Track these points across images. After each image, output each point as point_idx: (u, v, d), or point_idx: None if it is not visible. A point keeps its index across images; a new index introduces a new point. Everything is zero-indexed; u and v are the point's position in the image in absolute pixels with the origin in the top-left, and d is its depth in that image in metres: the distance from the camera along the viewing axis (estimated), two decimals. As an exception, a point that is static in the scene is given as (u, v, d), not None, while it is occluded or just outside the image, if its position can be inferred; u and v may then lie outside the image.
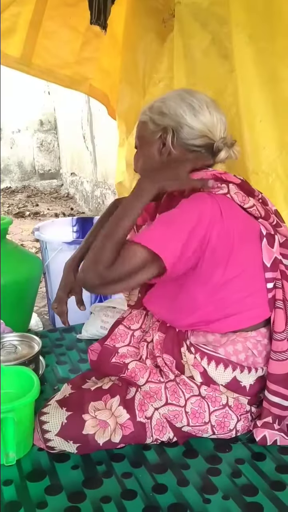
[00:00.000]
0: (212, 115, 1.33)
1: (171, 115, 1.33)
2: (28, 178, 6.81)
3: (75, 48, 2.36)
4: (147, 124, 1.38)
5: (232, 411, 1.34)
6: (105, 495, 1.18)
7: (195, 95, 1.35)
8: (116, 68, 2.35)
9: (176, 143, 1.34)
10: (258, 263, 1.32)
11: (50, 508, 1.14)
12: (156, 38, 2.14)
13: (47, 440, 1.29)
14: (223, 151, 1.34)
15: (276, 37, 1.42)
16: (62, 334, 2.06)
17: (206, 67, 1.80)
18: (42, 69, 2.36)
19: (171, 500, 1.16)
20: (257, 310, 1.34)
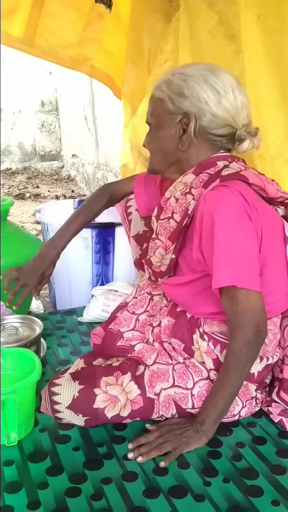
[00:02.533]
0: (236, 100, 1.25)
1: (194, 99, 1.24)
2: (29, 160, 6.75)
3: (77, 28, 2.32)
4: (165, 103, 1.29)
5: (239, 398, 1.35)
6: (106, 476, 1.18)
7: (219, 75, 1.26)
8: (120, 48, 2.32)
9: (198, 131, 1.27)
10: (282, 259, 1.29)
11: (51, 488, 1.15)
12: (162, 18, 2.11)
13: (56, 411, 1.27)
14: (247, 141, 1.29)
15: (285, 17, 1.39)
16: (63, 317, 2.06)
17: (212, 48, 1.78)
18: (44, 50, 2.33)
19: (172, 482, 1.17)
20: (277, 304, 1.33)
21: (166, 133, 1.31)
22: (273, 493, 1.14)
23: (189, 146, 1.30)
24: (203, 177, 1.28)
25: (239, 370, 1.21)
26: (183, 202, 1.30)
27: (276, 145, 1.46)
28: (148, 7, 2.17)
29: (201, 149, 1.30)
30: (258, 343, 1.22)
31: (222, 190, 1.21)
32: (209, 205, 1.19)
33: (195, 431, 1.26)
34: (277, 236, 1.27)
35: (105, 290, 2.03)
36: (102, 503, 1.10)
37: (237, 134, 1.28)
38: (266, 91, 1.46)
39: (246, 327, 1.18)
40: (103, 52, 2.44)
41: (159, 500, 1.11)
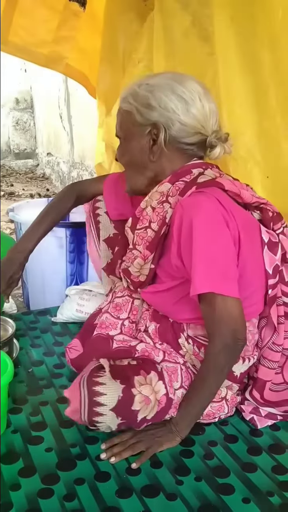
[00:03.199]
0: (204, 107, 1.26)
1: (161, 109, 1.24)
2: (3, 158, 6.67)
3: (52, 26, 2.31)
4: (133, 115, 1.29)
5: (227, 405, 1.35)
6: (78, 477, 1.18)
7: (186, 84, 1.26)
8: (95, 47, 2.31)
9: (168, 141, 1.27)
10: (259, 262, 1.29)
11: (23, 490, 1.14)
12: (136, 17, 2.11)
13: (97, 414, 1.19)
14: (218, 147, 1.29)
15: (258, 19, 1.40)
16: (36, 317, 2.05)
17: (186, 49, 1.78)
18: (18, 47, 2.32)
19: (145, 481, 1.17)
20: (255, 307, 1.33)
21: (137, 145, 1.31)
22: (244, 491, 1.15)
23: (160, 157, 1.30)
24: (179, 185, 1.28)
25: (216, 375, 1.22)
26: (160, 211, 1.29)
27: (248, 146, 1.47)
28: (122, 6, 2.16)
29: (173, 158, 1.30)
30: (236, 350, 1.21)
31: (199, 197, 1.20)
32: (186, 211, 1.17)
33: (169, 431, 1.26)
34: (254, 240, 1.28)
35: (80, 290, 2.03)
36: (75, 504, 1.10)
37: (207, 141, 1.28)
38: (239, 93, 1.47)
39: (223, 333, 1.17)
40: (78, 50, 2.43)
41: (132, 500, 1.12)
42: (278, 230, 1.33)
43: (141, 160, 1.31)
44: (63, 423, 1.37)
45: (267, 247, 1.28)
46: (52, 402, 1.47)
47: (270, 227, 1.32)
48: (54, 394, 1.51)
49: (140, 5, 2.10)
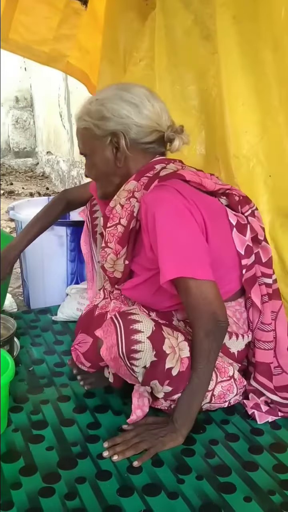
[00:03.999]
0: (154, 106, 1.33)
1: (116, 118, 1.31)
2: (3, 156, 6.67)
3: (53, 24, 2.31)
4: (92, 130, 1.35)
5: (235, 384, 1.36)
6: (80, 476, 1.18)
7: (132, 90, 1.34)
8: (96, 46, 2.31)
9: (130, 145, 1.33)
10: (230, 244, 1.34)
11: (24, 488, 1.14)
12: (138, 16, 2.11)
13: (135, 343, 1.19)
14: (176, 140, 1.36)
15: (260, 18, 1.40)
16: (37, 316, 2.05)
17: (188, 48, 1.78)
18: (19, 45, 2.31)
19: (146, 480, 1.17)
20: (231, 285, 1.37)
21: (102, 157, 1.37)
22: (245, 489, 1.15)
23: (126, 161, 1.36)
24: (144, 181, 1.34)
25: (203, 361, 1.23)
26: (128, 206, 1.35)
27: (250, 144, 1.47)
28: (124, 5, 2.16)
29: (137, 159, 1.36)
30: (219, 333, 1.24)
31: (159, 191, 1.26)
32: (149, 207, 1.23)
33: (172, 431, 1.26)
34: (221, 223, 1.33)
35: (80, 289, 2.02)
36: (76, 503, 1.10)
37: (165, 136, 1.36)
38: (241, 91, 1.47)
39: (203, 317, 1.21)
40: (78, 49, 2.43)
41: (133, 499, 1.12)
42: (246, 213, 1.39)
43: (109, 169, 1.38)
44: (64, 421, 1.38)
45: (235, 229, 1.34)
46: (53, 401, 1.47)
47: (238, 210, 1.39)
48: (55, 393, 1.51)
49: (141, 4, 2.10)
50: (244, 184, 1.53)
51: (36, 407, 1.44)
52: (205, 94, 1.78)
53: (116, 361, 1.22)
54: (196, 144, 1.87)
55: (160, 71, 1.89)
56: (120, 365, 1.22)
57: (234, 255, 1.35)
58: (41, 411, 1.42)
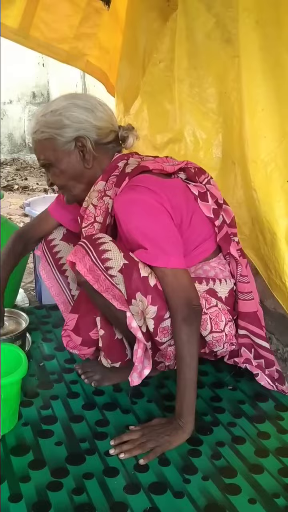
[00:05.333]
0: (105, 109, 1.45)
1: (76, 124, 1.40)
2: (18, 151, 6.70)
3: (74, 22, 2.31)
4: (54, 139, 1.42)
5: (222, 313, 1.44)
6: (87, 471, 1.20)
7: (82, 97, 1.45)
8: (116, 45, 2.32)
9: (95, 146, 1.43)
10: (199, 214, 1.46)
11: (33, 482, 1.16)
12: (159, 17, 2.11)
13: (104, 251, 1.30)
14: (130, 137, 1.49)
15: (283, 23, 1.40)
16: (48, 312, 2.07)
17: (208, 51, 1.79)
18: (39, 42, 2.31)
19: (152, 479, 1.18)
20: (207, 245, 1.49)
21: (69, 162, 1.44)
22: (250, 491, 1.16)
23: (93, 162, 1.45)
24: (112, 179, 1.44)
25: (186, 345, 1.29)
26: (101, 205, 1.44)
27: (269, 150, 1.47)
28: (145, 5, 2.17)
29: (101, 159, 1.46)
30: (196, 317, 1.31)
31: (130, 192, 1.36)
32: (122, 210, 1.33)
33: (177, 428, 1.28)
34: (189, 198, 1.45)
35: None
36: (83, 498, 1.12)
37: (120, 136, 1.49)
38: (262, 96, 1.47)
39: (180, 304, 1.29)
40: (98, 48, 2.43)
41: (139, 496, 1.13)
42: (204, 181, 1.53)
43: (78, 172, 1.46)
44: (73, 417, 1.39)
45: (199, 199, 1.47)
46: (62, 397, 1.49)
47: (196, 180, 1.51)
48: (65, 389, 1.53)
49: (163, 5, 2.10)
50: (261, 189, 1.53)
51: (46, 402, 1.46)
52: (224, 97, 1.78)
53: (93, 270, 1.30)
54: (213, 147, 1.87)
55: (180, 73, 1.89)
56: (98, 274, 1.30)
57: (207, 221, 1.48)
58: (51, 406, 1.44)
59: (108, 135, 1.45)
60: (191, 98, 1.88)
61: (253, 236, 1.68)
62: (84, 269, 1.30)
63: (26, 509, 1.08)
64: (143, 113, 2.16)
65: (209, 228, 1.49)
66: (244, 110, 1.55)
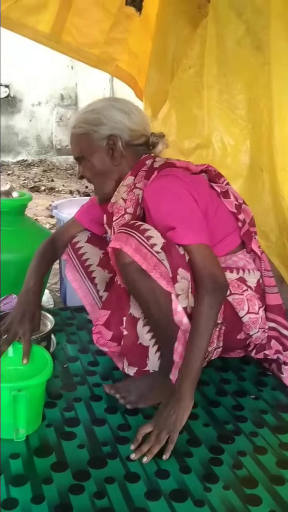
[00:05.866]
0: (141, 115, 1.55)
1: (111, 122, 1.50)
2: (45, 152, 6.79)
3: (104, 28, 2.34)
4: (90, 135, 1.51)
5: (255, 297, 1.50)
6: (109, 475, 1.20)
7: (120, 101, 1.56)
8: (145, 50, 2.34)
9: (125, 146, 1.51)
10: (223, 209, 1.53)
11: (55, 484, 1.17)
12: (189, 24, 2.12)
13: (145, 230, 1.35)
14: (160, 143, 1.56)
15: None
16: (73, 314, 2.08)
17: (238, 57, 1.79)
18: (71, 47, 2.35)
19: (173, 486, 1.18)
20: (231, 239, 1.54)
21: (100, 158, 1.53)
22: (271, 503, 1.15)
23: (121, 160, 1.53)
24: (142, 173, 1.51)
25: (203, 318, 1.32)
26: (131, 197, 1.51)
27: (299, 158, 1.47)
28: (176, 11, 2.18)
29: (129, 159, 1.54)
30: (220, 292, 1.35)
31: (161, 180, 1.45)
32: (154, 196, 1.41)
33: (178, 401, 1.28)
34: (212, 194, 1.53)
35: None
36: (105, 502, 1.12)
37: (150, 141, 1.56)
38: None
39: (206, 276, 1.34)
40: (128, 53, 2.45)
41: (160, 503, 1.13)
42: (223, 183, 1.61)
43: (106, 168, 1.54)
44: (96, 421, 1.40)
45: (222, 196, 1.55)
46: (85, 399, 1.50)
47: (217, 181, 1.60)
48: (88, 392, 1.54)
49: (194, 11, 2.11)
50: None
51: (69, 404, 1.47)
52: (253, 104, 1.78)
53: (139, 249, 1.34)
54: (240, 153, 1.87)
55: (209, 79, 1.90)
56: (145, 252, 1.34)
57: (229, 215, 1.55)
58: (74, 408, 1.45)
59: (139, 138, 1.53)
60: (220, 104, 1.89)
61: (279, 244, 1.68)
62: (130, 249, 1.33)
63: (48, 511, 1.09)
64: (171, 118, 2.18)
65: (233, 222, 1.55)
66: (273, 117, 1.55)
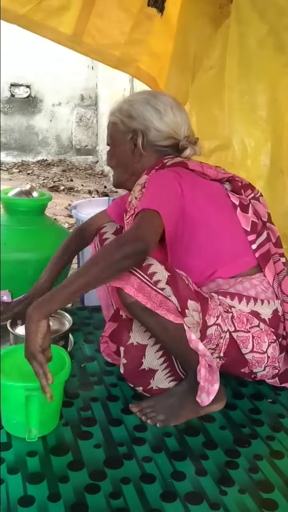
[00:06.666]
0: (176, 116, 1.49)
1: (139, 118, 1.48)
2: (65, 152, 6.82)
3: (125, 29, 2.34)
4: (118, 125, 1.53)
5: (264, 334, 1.43)
6: (125, 476, 1.21)
7: (159, 98, 1.51)
8: (166, 51, 2.33)
9: (146, 144, 1.50)
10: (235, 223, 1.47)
11: (71, 483, 1.17)
12: (211, 24, 2.12)
13: (148, 267, 1.27)
14: (188, 149, 1.50)
15: None
16: (90, 313, 2.09)
17: (260, 58, 1.78)
18: (92, 48, 2.35)
19: (189, 488, 1.18)
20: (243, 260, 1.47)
21: (121, 150, 1.54)
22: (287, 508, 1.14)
23: (141, 158, 1.52)
24: (153, 172, 1.47)
25: (99, 261, 1.21)
26: (141, 196, 1.47)
27: None
28: (197, 12, 2.18)
29: (151, 158, 1.51)
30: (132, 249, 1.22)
31: (158, 171, 1.43)
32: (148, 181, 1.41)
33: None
34: (224, 204, 1.47)
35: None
36: (120, 502, 1.13)
37: (180, 144, 1.50)
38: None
39: (130, 230, 1.27)
40: (148, 54, 2.45)
41: (175, 505, 1.13)
42: (249, 196, 1.54)
43: (126, 161, 1.55)
44: (112, 421, 1.41)
45: (239, 209, 1.48)
46: (102, 399, 1.50)
47: (241, 193, 1.53)
48: (104, 392, 1.54)
49: (216, 11, 2.11)
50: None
51: (86, 404, 1.48)
52: (275, 106, 1.77)
53: (142, 288, 1.24)
54: (261, 155, 1.86)
55: (230, 80, 1.89)
56: (148, 291, 1.25)
57: (241, 232, 1.47)
58: (91, 408, 1.46)
59: (166, 139, 1.50)
60: (241, 105, 1.88)
61: (299, 247, 1.66)
62: (132, 289, 1.24)
63: (64, 509, 1.10)
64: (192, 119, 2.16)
65: (245, 240, 1.48)
66: None
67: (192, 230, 1.40)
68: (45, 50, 5.32)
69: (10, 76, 6.30)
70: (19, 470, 1.20)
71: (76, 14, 2.21)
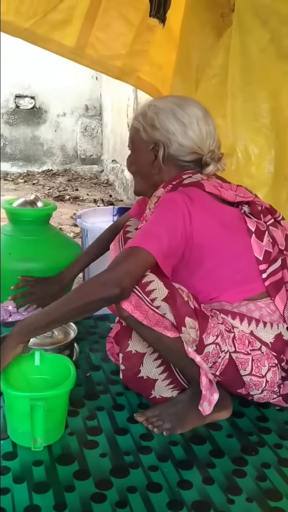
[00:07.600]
0: (201, 130, 1.41)
1: (163, 130, 1.42)
2: (70, 162, 6.86)
3: (127, 40, 2.37)
4: (140, 132, 1.47)
5: (265, 357, 1.39)
6: (131, 485, 1.20)
7: (186, 109, 1.42)
8: (169, 61, 2.35)
9: (167, 158, 1.44)
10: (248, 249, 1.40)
11: (77, 492, 1.17)
12: (213, 33, 2.13)
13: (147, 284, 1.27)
14: (211, 165, 1.44)
15: None
16: (96, 322, 2.09)
17: (262, 66, 1.79)
18: (94, 60, 2.38)
19: (196, 497, 1.17)
20: (252, 285, 1.42)
21: (141, 159, 1.50)
22: (297, 517, 1.13)
23: (160, 171, 1.47)
24: (169, 188, 1.43)
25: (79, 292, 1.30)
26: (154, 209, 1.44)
27: None
28: (200, 21, 2.19)
29: (171, 172, 1.46)
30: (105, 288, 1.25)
31: (172, 192, 1.38)
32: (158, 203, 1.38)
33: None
34: (239, 229, 1.41)
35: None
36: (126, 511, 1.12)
37: (203, 160, 1.44)
38: None
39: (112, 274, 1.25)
40: (149, 64, 2.47)
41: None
42: (268, 222, 1.47)
43: (145, 171, 1.50)
44: (118, 430, 1.40)
45: (254, 235, 1.41)
46: (108, 408, 1.50)
47: (260, 218, 1.45)
48: (110, 401, 1.54)
49: (218, 20, 2.11)
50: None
51: (91, 413, 1.47)
52: (278, 113, 1.77)
53: (139, 305, 1.26)
54: (265, 162, 1.86)
55: (233, 88, 1.90)
56: (146, 309, 1.26)
57: (252, 260, 1.41)
58: (97, 417, 1.45)
59: (188, 154, 1.43)
60: (244, 113, 1.88)
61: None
62: (130, 306, 1.26)
63: (70, 519, 1.10)
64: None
65: (255, 267, 1.42)
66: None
67: (200, 258, 1.37)
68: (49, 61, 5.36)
69: (15, 87, 6.36)
70: (25, 480, 1.20)
71: (78, 27, 2.25)
